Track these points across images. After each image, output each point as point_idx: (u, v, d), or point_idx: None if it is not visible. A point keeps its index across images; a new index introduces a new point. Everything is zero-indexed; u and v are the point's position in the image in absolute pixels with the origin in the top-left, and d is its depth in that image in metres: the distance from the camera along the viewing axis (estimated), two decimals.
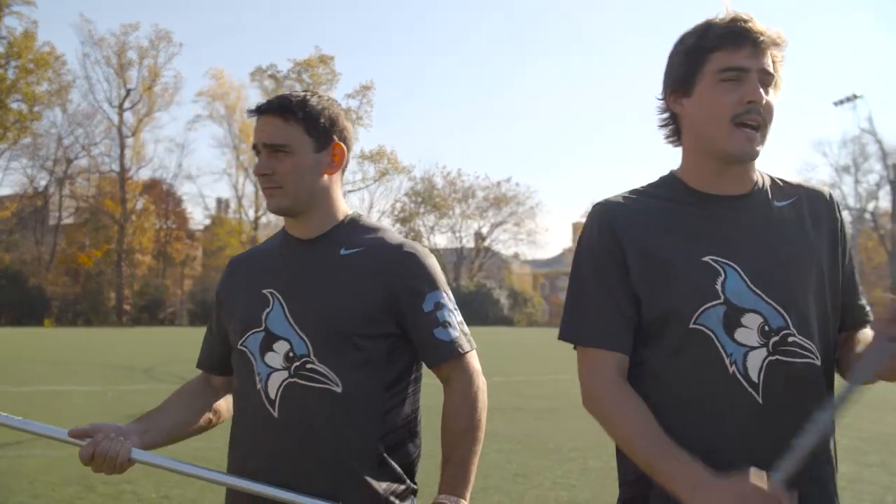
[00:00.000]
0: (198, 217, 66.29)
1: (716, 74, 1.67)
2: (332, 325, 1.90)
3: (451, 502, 1.85)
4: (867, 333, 1.70)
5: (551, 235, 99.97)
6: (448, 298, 2.02)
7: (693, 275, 1.66)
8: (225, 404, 2.16)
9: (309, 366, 1.88)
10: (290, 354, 1.89)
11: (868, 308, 1.81)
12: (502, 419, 10.68)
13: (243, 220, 60.28)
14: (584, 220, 1.86)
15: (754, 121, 1.65)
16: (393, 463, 1.94)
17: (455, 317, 2.01)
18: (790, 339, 1.64)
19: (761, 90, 1.65)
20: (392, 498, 1.92)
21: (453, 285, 68.45)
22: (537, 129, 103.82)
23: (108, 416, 10.30)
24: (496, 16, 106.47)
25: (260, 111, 1.94)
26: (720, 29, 1.68)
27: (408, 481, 1.98)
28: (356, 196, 62.59)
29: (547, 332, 51.86)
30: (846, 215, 1.91)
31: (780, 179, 1.81)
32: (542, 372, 18.62)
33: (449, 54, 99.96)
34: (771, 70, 1.67)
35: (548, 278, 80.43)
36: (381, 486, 1.90)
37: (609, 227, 1.74)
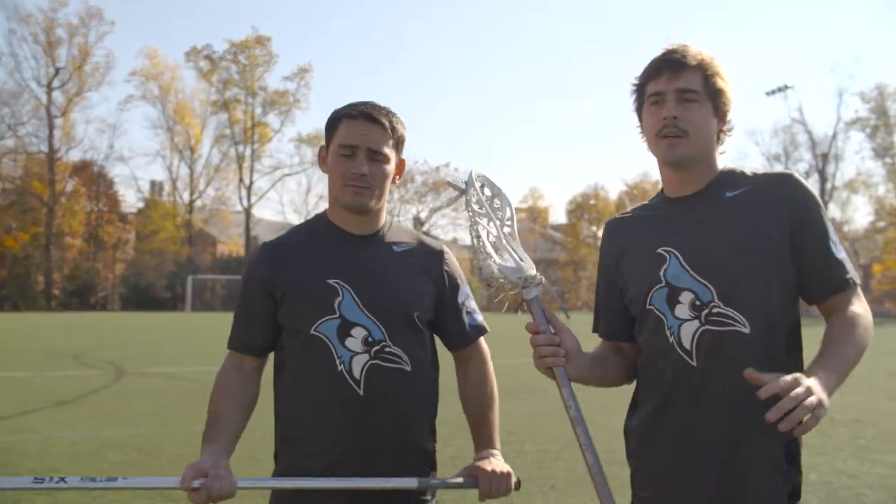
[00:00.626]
0: (130, 200, 64.62)
1: (648, 100, 2.05)
2: (404, 313, 2.22)
3: (495, 455, 2.36)
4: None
5: None
6: (470, 290, 2.43)
7: (646, 265, 2.05)
8: (255, 388, 2.30)
9: (387, 349, 2.17)
10: (369, 339, 2.16)
11: (847, 276, 1.96)
12: (442, 403, 10.70)
13: (178, 203, 59.21)
14: (522, 205, 2.06)
15: (671, 132, 1.98)
16: (434, 428, 2.37)
17: (475, 304, 2.44)
18: (715, 310, 1.93)
19: (679, 106, 1.98)
20: (434, 458, 2.36)
21: None
22: (478, 114, 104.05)
23: (36, 403, 10.07)
24: None
25: (369, 118, 2.18)
26: (649, 65, 2.06)
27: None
28: (293, 180, 62.16)
29: (486, 317, 52.00)
30: None
31: (744, 171, 2.06)
32: None
33: (389, 37, 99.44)
34: (692, 87, 1.98)
35: None
36: (431, 448, 2.35)
37: (607, 235, 2.25)
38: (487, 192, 2.06)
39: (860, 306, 1.95)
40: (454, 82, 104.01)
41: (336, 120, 2.22)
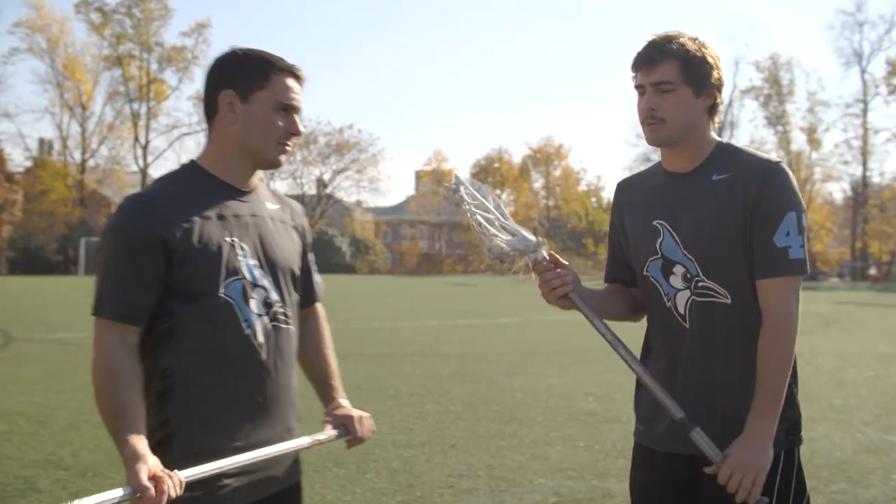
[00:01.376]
0: (17, 159, 61.42)
1: (636, 90, 2.28)
2: (290, 271, 2.23)
3: (347, 402, 2.39)
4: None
5: (394, 183, 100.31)
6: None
7: (645, 234, 2.31)
8: (140, 367, 2.04)
9: (280, 310, 2.16)
10: (267, 301, 2.12)
11: (773, 257, 2.16)
12: (341, 365, 10.66)
13: (69, 162, 56.85)
14: (427, 167, 2.13)
15: (650, 121, 2.22)
16: None
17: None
18: (700, 283, 2.21)
19: (656, 96, 2.20)
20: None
21: None
22: (382, 76, 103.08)
23: None
24: None
25: (300, 80, 2.14)
26: (633, 57, 2.27)
27: None
28: (192, 139, 60.26)
29: (389, 279, 52.20)
30: None
31: (736, 152, 2.25)
32: (382, 319, 18.78)
33: None
34: (666, 79, 2.19)
35: (390, 226, 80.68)
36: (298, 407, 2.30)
37: (615, 196, 2.51)
38: (472, 187, 2.31)
39: (789, 298, 2.17)
40: (358, 43, 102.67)
41: (268, 70, 2.08)
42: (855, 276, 55.47)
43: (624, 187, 2.50)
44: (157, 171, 57.72)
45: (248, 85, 2.06)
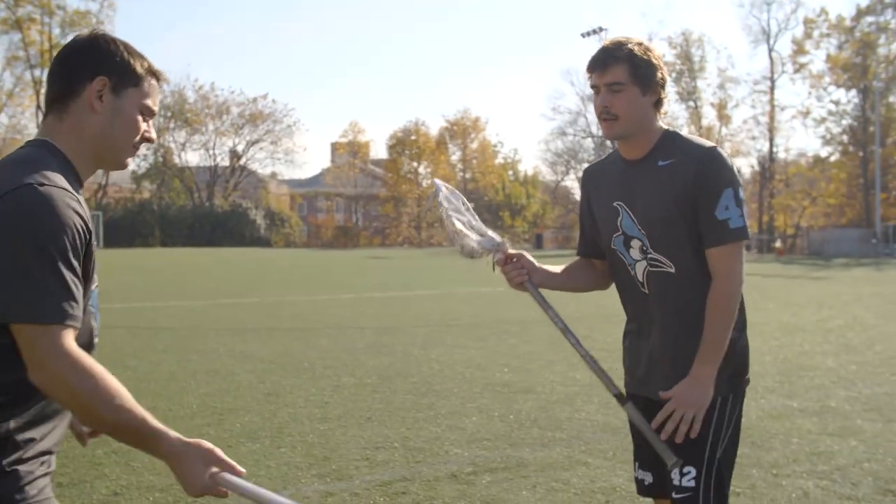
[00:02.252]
0: None
1: (592, 89, 2.60)
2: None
3: None
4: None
5: (309, 155, 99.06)
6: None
7: (608, 214, 2.66)
8: None
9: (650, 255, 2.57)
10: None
11: (715, 229, 2.48)
12: (256, 339, 10.58)
13: None
14: (343, 139, 2.14)
15: (605, 117, 2.54)
16: None
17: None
18: (650, 255, 2.57)
19: (609, 96, 2.51)
20: None
21: (207, 205, 66.39)
22: (297, 46, 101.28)
23: None
24: None
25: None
26: (589, 60, 2.58)
27: None
28: None
29: (304, 252, 51.60)
30: (589, 142, 2.70)
31: (680, 140, 2.56)
32: (297, 292, 18.58)
33: None
34: (617, 80, 2.51)
35: (306, 199, 79.78)
36: None
37: (582, 181, 2.88)
38: (448, 191, 2.71)
39: (731, 263, 2.49)
40: (273, 12, 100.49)
41: (144, 69, 1.94)
42: (762, 248, 57.45)
43: (590, 174, 2.85)
44: None
45: (123, 78, 1.89)
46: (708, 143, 2.53)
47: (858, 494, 4.48)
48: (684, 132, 2.63)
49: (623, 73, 2.52)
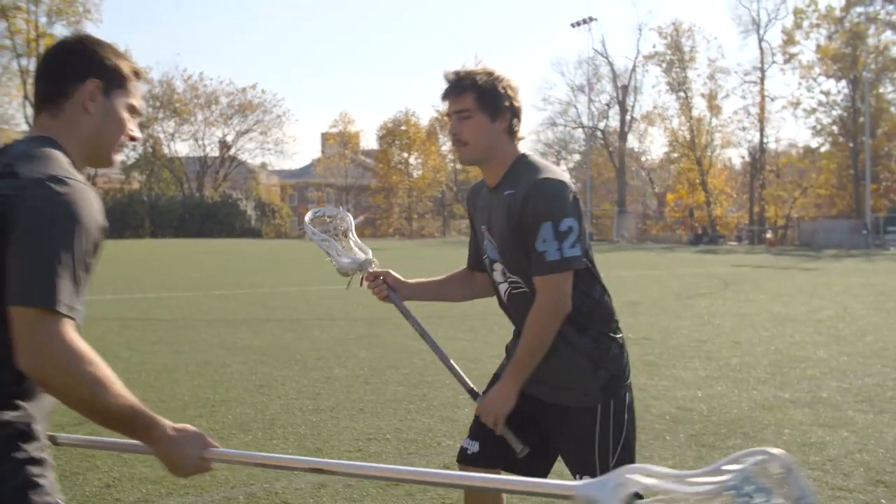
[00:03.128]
0: None
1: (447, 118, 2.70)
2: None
3: None
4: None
5: (299, 145, 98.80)
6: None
7: (479, 236, 2.84)
8: None
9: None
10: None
11: (535, 260, 2.56)
12: (247, 331, 10.56)
13: None
14: (333, 130, 2.15)
15: (456, 144, 2.68)
16: None
17: None
18: (510, 278, 2.70)
19: (458, 123, 2.63)
20: None
21: (197, 196, 66.16)
22: (287, 36, 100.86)
23: None
24: None
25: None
26: (442, 91, 2.69)
27: None
28: None
29: (295, 244, 51.46)
30: (580, 133, 2.71)
31: (521, 171, 2.62)
32: (288, 283, 18.55)
33: None
34: (465, 107, 2.60)
35: (297, 189, 79.60)
36: None
37: (466, 203, 2.99)
38: (328, 216, 3.17)
39: (547, 293, 2.55)
40: (262, 1, 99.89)
41: (131, 71, 2.03)
42: (753, 239, 57.63)
43: (471, 194, 2.94)
44: None
45: (112, 81, 1.98)
46: (543, 174, 2.56)
47: (850, 485, 4.50)
48: (534, 157, 2.70)
49: (470, 100, 2.61)
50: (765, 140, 62.94)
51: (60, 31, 55.89)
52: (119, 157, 2.03)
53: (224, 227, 61.05)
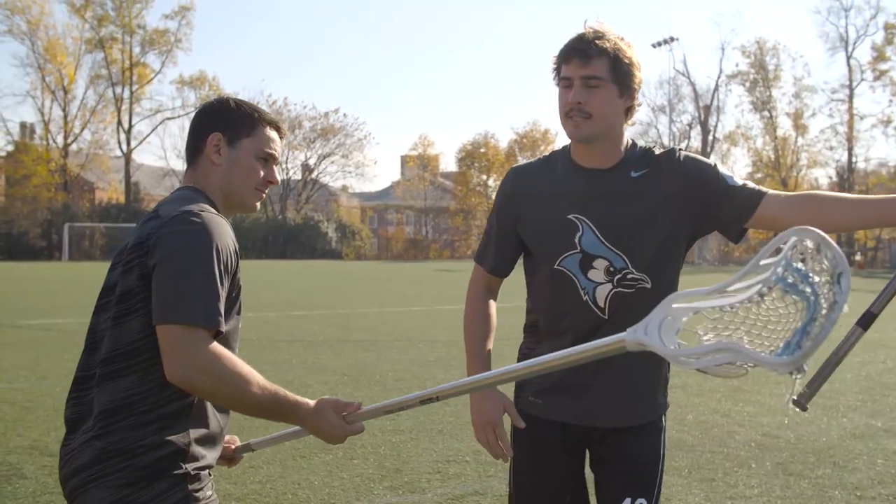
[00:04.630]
0: None
1: (561, 82, 2.29)
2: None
3: None
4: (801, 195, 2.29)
5: (380, 168, 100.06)
6: None
7: (557, 229, 2.33)
8: None
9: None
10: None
11: (744, 194, 2.27)
12: (328, 351, 10.70)
13: (51, 146, 56.33)
14: (412, 152, 2.11)
15: (576, 115, 2.25)
16: None
17: None
18: (629, 276, 2.29)
19: (584, 91, 2.23)
20: None
21: (280, 218, 67.59)
22: (368, 60, 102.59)
23: None
24: None
25: (283, 134, 2.27)
26: (562, 48, 2.28)
27: None
28: (175, 124, 59.99)
29: (374, 265, 52.04)
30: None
31: (646, 151, 2.35)
32: (367, 305, 18.74)
33: None
34: (597, 74, 2.22)
35: (376, 211, 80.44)
36: None
37: (511, 183, 2.46)
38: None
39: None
40: (344, 26, 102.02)
41: (256, 121, 2.18)
42: None
43: (521, 175, 2.46)
44: (140, 156, 57.44)
45: (236, 131, 2.15)
46: (666, 146, 2.38)
47: None
48: (641, 142, 2.41)
49: (603, 67, 2.23)
50: (853, 159, 61.03)
51: (152, 60, 58.11)
52: (257, 202, 2.21)
53: (305, 248, 62.05)
